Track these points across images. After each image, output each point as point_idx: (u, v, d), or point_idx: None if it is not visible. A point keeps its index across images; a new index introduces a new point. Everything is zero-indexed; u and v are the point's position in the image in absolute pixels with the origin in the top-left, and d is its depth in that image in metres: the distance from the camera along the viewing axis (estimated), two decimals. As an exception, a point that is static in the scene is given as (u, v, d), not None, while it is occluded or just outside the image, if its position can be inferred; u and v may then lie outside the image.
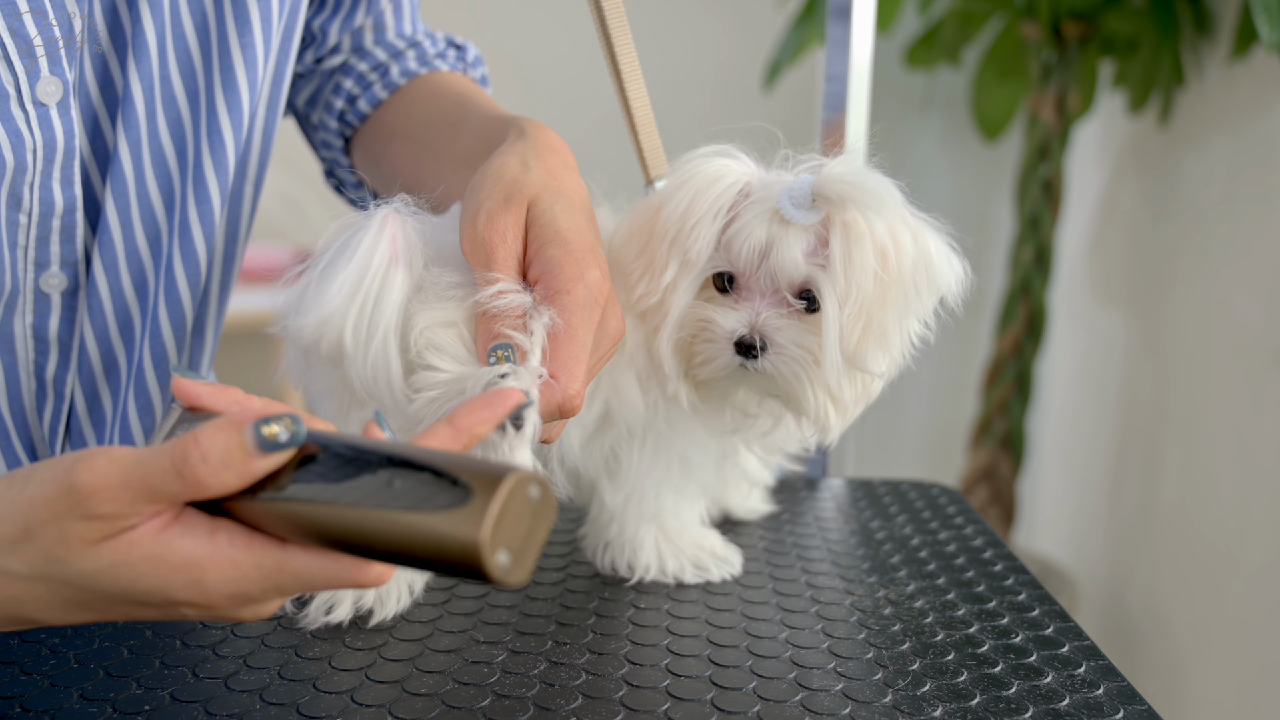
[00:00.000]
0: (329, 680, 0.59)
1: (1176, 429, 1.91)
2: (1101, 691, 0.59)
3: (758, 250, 0.66)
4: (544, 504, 0.40)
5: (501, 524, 0.38)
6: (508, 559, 0.39)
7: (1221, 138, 1.81)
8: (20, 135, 0.64)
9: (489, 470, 0.39)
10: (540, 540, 0.41)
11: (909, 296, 0.66)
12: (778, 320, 0.66)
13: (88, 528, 0.42)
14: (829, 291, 0.64)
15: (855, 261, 0.63)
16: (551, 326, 0.57)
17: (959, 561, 0.78)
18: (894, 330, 0.66)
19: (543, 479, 0.40)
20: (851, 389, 0.67)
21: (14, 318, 0.69)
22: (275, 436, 0.42)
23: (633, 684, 0.60)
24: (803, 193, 0.65)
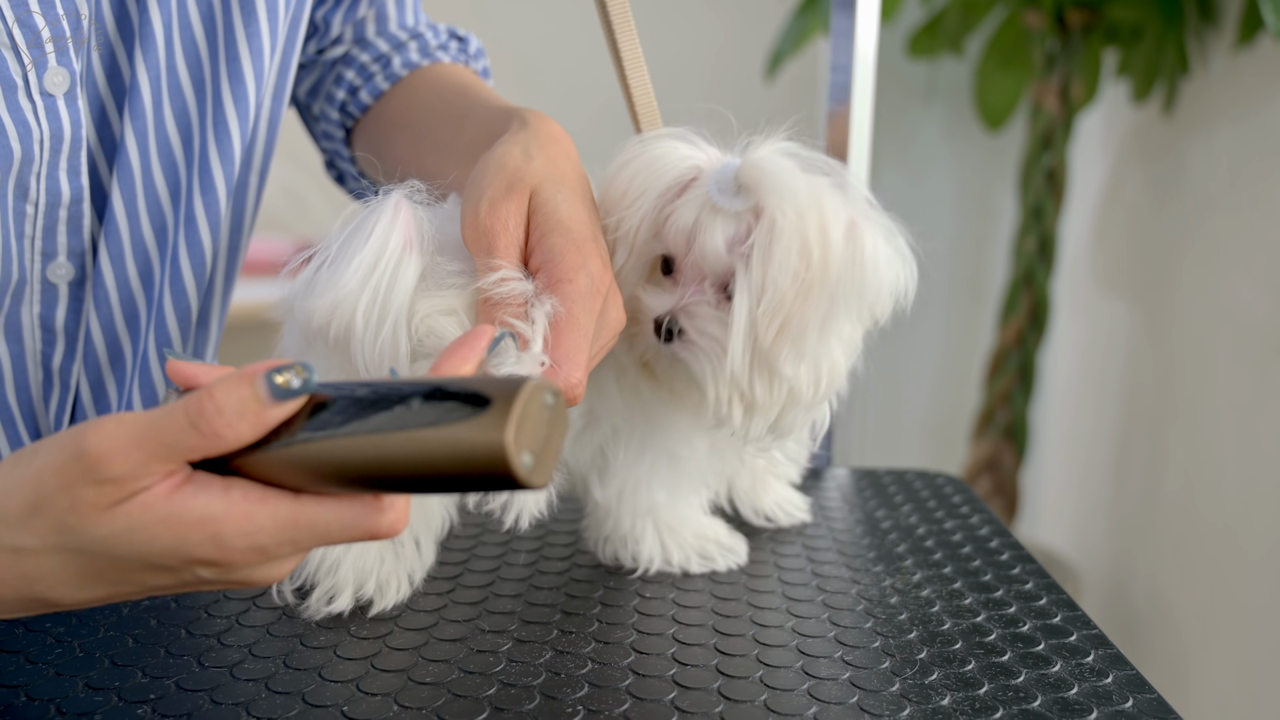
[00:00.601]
0: (334, 669, 0.59)
1: (1180, 419, 1.91)
2: (1110, 680, 0.59)
3: (684, 235, 0.64)
4: (558, 411, 0.42)
5: (523, 426, 0.39)
6: (531, 460, 0.40)
7: (1226, 127, 1.81)
8: (28, 126, 0.64)
9: (505, 381, 0.41)
10: (556, 448, 0.42)
11: (835, 300, 0.61)
12: (697, 308, 0.64)
13: (99, 492, 0.42)
14: (742, 284, 0.62)
15: (773, 257, 0.60)
16: (553, 315, 0.57)
17: (965, 550, 0.78)
18: (813, 334, 0.62)
19: (555, 387, 0.42)
20: (765, 390, 0.64)
21: (21, 308, 0.69)
22: (288, 384, 0.42)
23: (639, 672, 0.59)
24: (729, 177, 0.62)
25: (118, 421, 0.42)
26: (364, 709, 0.55)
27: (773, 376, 0.63)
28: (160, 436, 0.42)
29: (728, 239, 0.62)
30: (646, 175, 0.64)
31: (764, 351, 0.62)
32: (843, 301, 0.62)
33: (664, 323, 0.65)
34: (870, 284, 0.62)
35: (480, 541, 0.78)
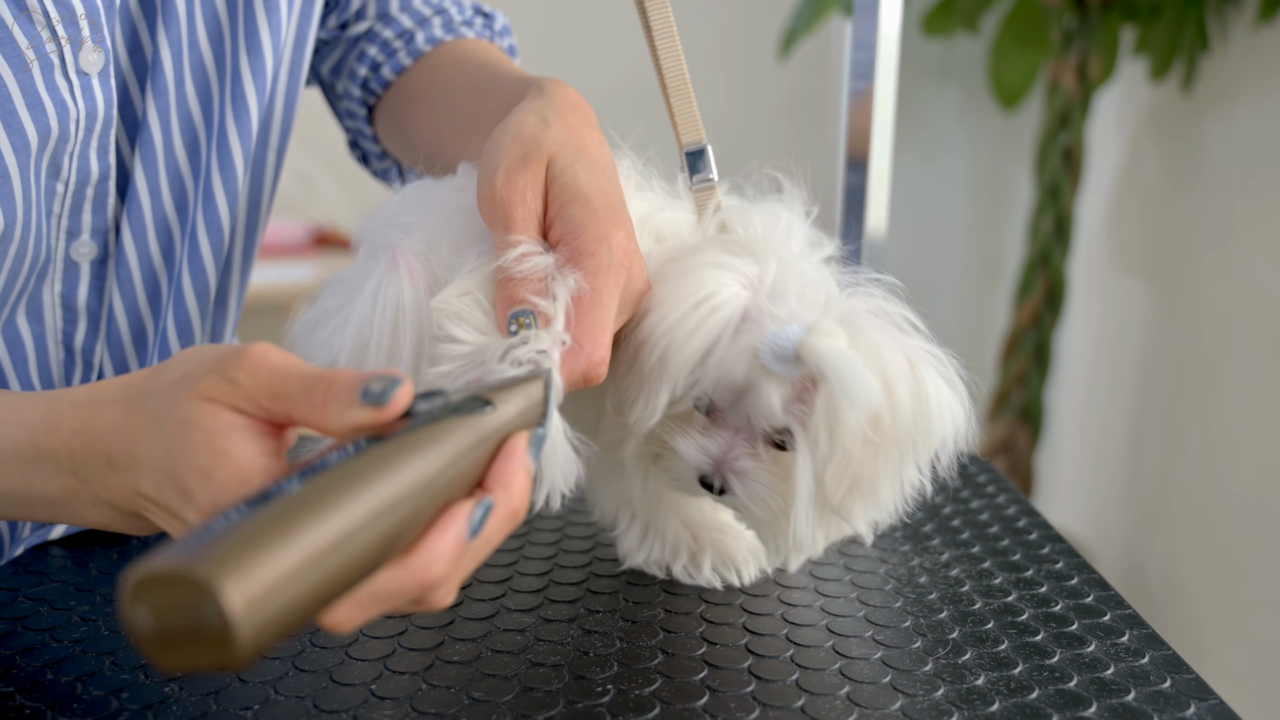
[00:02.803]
0: (361, 647, 0.59)
1: (1197, 400, 1.90)
2: (1147, 660, 0.58)
3: (733, 389, 0.60)
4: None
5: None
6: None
7: (1246, 105, 1.79)
8: (65, 105, 0.63)
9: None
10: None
11: (904, 452, 0.60)
12: (747, 461, 0.61)
13: (215, 383, 0.44)
14: (805, 450, 0.58)
15: (842, 427, 0.57)
16: (576, 291, 0.55)
17: (993, 530, 0.77)
18: (885, 486, 0.60)
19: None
20: (826, 530, 0.63)
21: (43, 286, 0.69)
22: (371, 389, 0.42)
23: (668, 652, 0.59)
24: (787, 348, 0.58)
25: (279, 351, 0.45)
26: (391, 687, 0.54)
27: (837, 524, 0.63)
28: (286, 380, 0.43)
29: (783, 400, 0.59)
30: (686, 334, 0.59)
31: (836, 506, 0.59)
32: (911, 452, 0.60)
33: (713, 482, 0.62)
34: (936, 431, 0.60)
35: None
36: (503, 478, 0.45)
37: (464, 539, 0.42)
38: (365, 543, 0.37)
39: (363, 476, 0.37)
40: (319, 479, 0.37)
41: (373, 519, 0.37)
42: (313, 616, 0.35)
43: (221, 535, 0.33)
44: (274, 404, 0.44)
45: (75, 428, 0.47)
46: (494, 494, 0.44)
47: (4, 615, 0.62)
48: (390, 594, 0.41)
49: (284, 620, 0.33)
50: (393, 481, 0.38)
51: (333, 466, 0.38)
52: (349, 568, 0.36)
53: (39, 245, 0.66)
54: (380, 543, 0.38)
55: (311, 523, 0.34)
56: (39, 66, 0.61)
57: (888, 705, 0.53)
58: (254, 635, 0.32)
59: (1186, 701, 0.54)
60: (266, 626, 0.32)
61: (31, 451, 0.48)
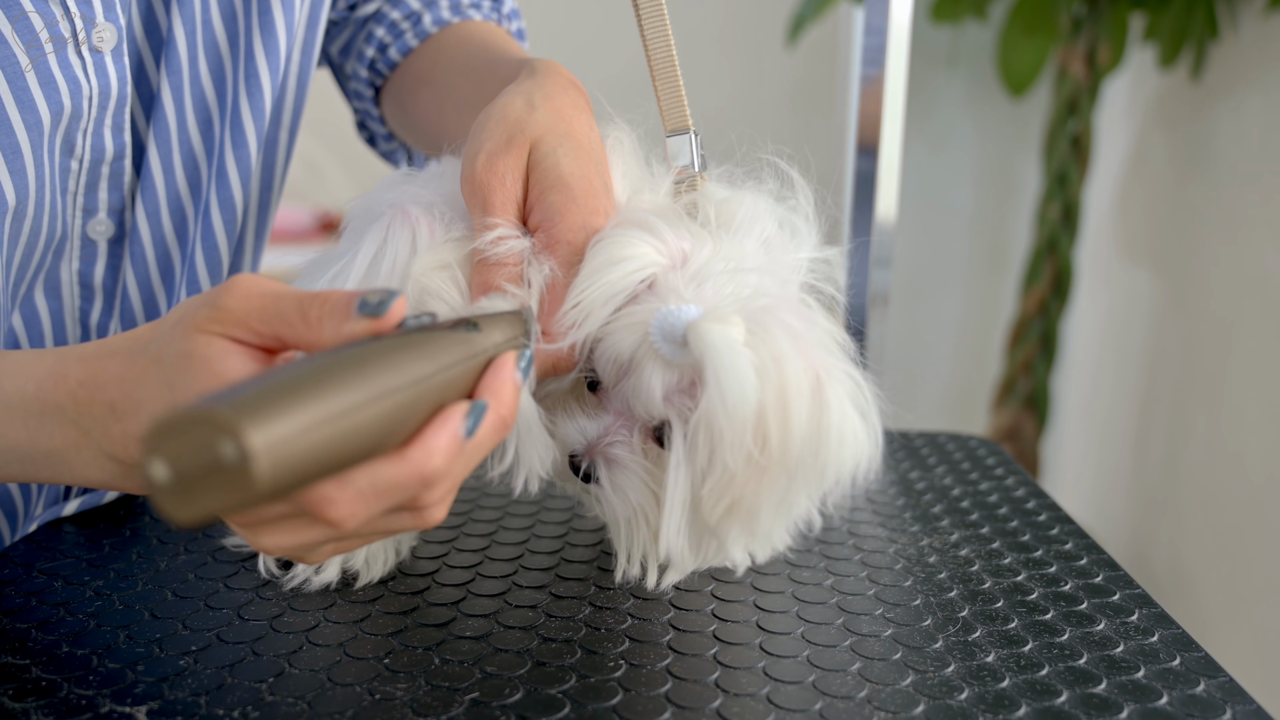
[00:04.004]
0: (374, 623, 0.59)
1: (1203, 389, 1.90)
2: (1156, 639, 0.59)
3: (616, 366, 0.56)
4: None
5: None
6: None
7: (1256, 93, 1.78)
8: (78, 82, 0.63)
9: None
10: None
11: (793, 480, 0.54)
12: (617, 450, 0.58)
13: (208, 314, 0.44)
14: (680, 450, 0.54)
15: (724, 437, 0.52)
16: (551, 279, 0.55)
17: (1002, 511, 0.77)
18: (768, 515, 0.56)
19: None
20: (696, 553, 0.59)
21: (61, 264, 0.69)
22: (368, 301, 0.43)
23: (679, 628, 0.59)
24: (676, 328, 0.54)
25: (269, 280, 0.46)
26: (405, 661, 0.55)
27: (712, 544, 0.59)
28: (279, 302, 0.44)
29: (666, 387, 0.55)
30: (593, 289, 0.56)
31: (712, 525, 0.56)
32: (801, 481, 0.55)
33: (581, 464, 0.59)
34: (833, 461, 0.55)
35: (513, 500, 0.78)
36: (493, 386, 0.47)
37: (460, 436, 0.44)
38: (367, 417, 0.39)
39: (363, 360, 0.40)
40: (326, 356, 0.39)
41: (374, 398, 0.39)
42: (320, 474, 0.38)
43: (238, 391, 0.35)
44: (265, 326, 0.44)
45: (81, 379, 0.48)
46: (485, 401, 0.46)
47: (19, 589, 0.62)
48: (390, 486, 0.42)
49: (297, 465, 0.35)
50: (391, 370, 0.40)
51: (336, 351, 0.40)
52: (355, 435, 0.38)
53: (54, 222, 0.66)
54: (380, 422, 0.40)
55: (321, 386, 0.37)
56: (52, 44, 0.62)
57: (899, 681, 0.54)
58: (271, 471, 0.34)
59: (1196, 679, 0.54)
60: (281, 465, 0.34)
61: (38, 404, 0.49)
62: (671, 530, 0.56)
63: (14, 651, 0.55)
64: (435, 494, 0.45)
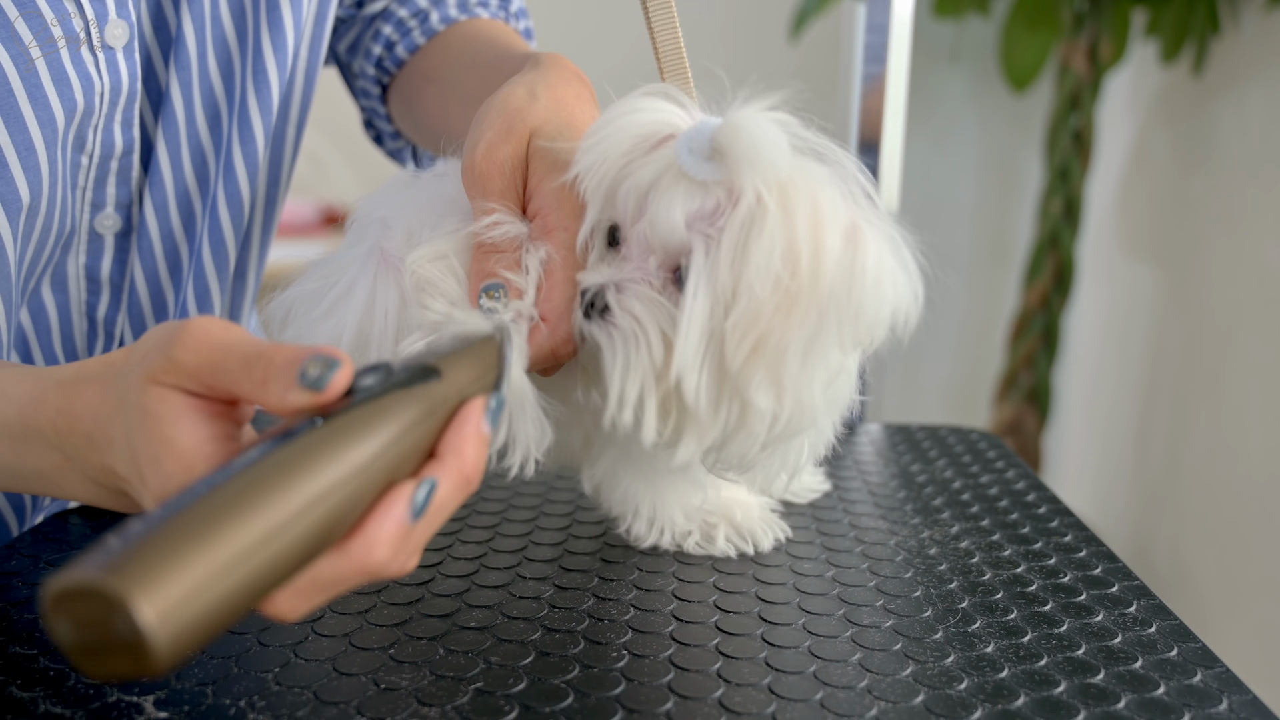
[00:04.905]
0: (378, 613, 0.59)
1: (1205, 384, 1.90)
2: (1154, 629, 0.59)
3: (637, 197, 0.53)
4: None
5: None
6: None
7: (1257, 88, 1.79)
8: (90, 78, 0.64)
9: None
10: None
11: (825, 318, 0.50)
12: (639, 287, 0.54)
13: (163, 364, 0.43)
14: (700, 276, 0.51)
15: (751, 256, 0.49)
16: (548, 265, 0.55)
17: (1002, 504, 0.78)
18: (795, 358, 0.50)
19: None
20: (718, 408, 0.52)
21: (68, 258, 0.70)
22: (308, 373, 0.41)
23: (681, 619, 0.59)
24: (703, 137, 0.51)
25: (222, 324, 0.44)
26: (410, 651, 0.55)
27: (734, 401, 0.52)
28: (225, 359, 0.42)
29: (688, 212, 0.51)
30: (611, 124, 0.54)
31: (730, 373, 0.51)
32: (834, 322, 0.50)
33: (588, 295, 0.55)
34: (869, 303, 0.51)
35: (517, 492, 0.79)
36: (455, 444, 0.44)
37: (405, 522, 0.41)
38: (295, 537, 0.36)
39: (291, 468, 0.37)
40: (245, 473, 0.36)
41: (301, 512, 0.36)
42: (243, 612, 0.35)
43: (135, 542, 0.32)
44: (215, 380, 0.42)
45: (59, 407, 0.47)
46: (445, 462, 0.43)
47: (25, 581, 0.63)
48: (332, 581, 0.40)
49: (205, 622, 0.33)
50: (325, 471, 0.37)
51: (257, 460, 0.37)
52: (278, 563, 0.36)
53: (64, 218, 0.67)
54: (313, 534, 0.37)
55: (230, 523, 0.34)
56: (65, 41, 0.62)
57: (899, 671, 0.54)
58: (170, 643, 0.32)
59: (1193, 669, 0.55)
60: (183, 633, 0.32)
61: (21, 429, 0.49)
62: (688, 355, 0.51)
63: (22, 642, 0.56)
64: (388, 570, 0.42)
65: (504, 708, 0.50)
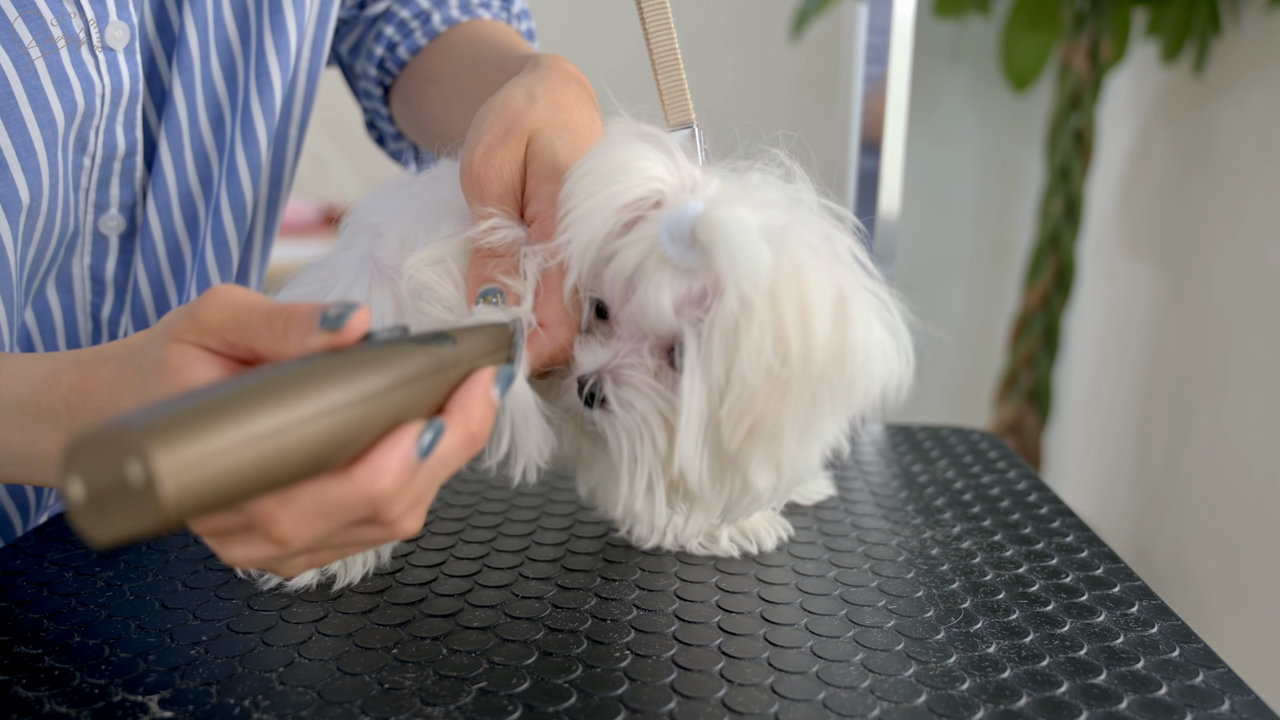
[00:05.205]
0: (381, 613, 0.59)
1: (1205, 383, 1.90)
2: (1156, 630, 0.59)
3: (623, 282, 0.53)
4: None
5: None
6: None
7: (1258, 88, 1.79)
8: (91, 80, 0.64)
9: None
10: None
11: (818, 399, 0.51)
12: (629, 372, 0.54)
13: (184, 324, 0.44)
14: (694, 366, 0.51)
15: (741, 347, 0.49)
16: (546, 270, 0.55)
17: (1004, 504, 0.78)
18: (791, 437, 0.52)
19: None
20: (720, 486, 0.54)
21: (73, 259, 0.70)
22: (328, 312, 0.42)
23: (684, 619, 0.60)
24: (684, 226, 0.50)
25: (244, 290, 0.45)
26: (414, 651, 0.55)
27: (736, 479, 0.54)
28: (249, 312, 0.44)
29: (676, 298, 0.52)
30: (594, 198, 0.53)
31: (733, 454, 0.52)
32: (827, 400, 0.51)
33: (587, 384, 0.55)
34: (860, 378, 0.51)
35: (519, 492, 0.79)
36: (464, 401, 0.45)
37: (412, 457, 0.42)
38: (302, 436, 0.37)
39: (305, 376, 0.38)
40: (265, 372, 0.38)
41: (310, 417, 0.37)
42: (246, 492, 0.36)
43: (154, 409, 0.34)
44: (237, 337, 0.44)
45: (74, 384, 0.48)
46: (452, 416, 0.44)
47: (30, 580, 0.63)
48: (336, 506, 0.41)
49: (211, 487, 0.34)
50: (336, 386, 0.39)
51: (272, 369, 0.39)
52: (285, 456, 0.36)
53: (67, 218, 0.67)
54: (319, 441, 0.38)
55: (246, 406, 0.35)
56: (65, 41, 0.62)
57: (901, 672, 0.54)
58: (177, 494, 0.33)
59: (1195, 670, 0.55)
60: (190, 488, 0.33)
61: (34, 408, 0.49)
62: (688, 448, 0.52)
63: (27, 641, 0.56)
64: (393, 511, 0.43)
65: (507, 707, 0.50)
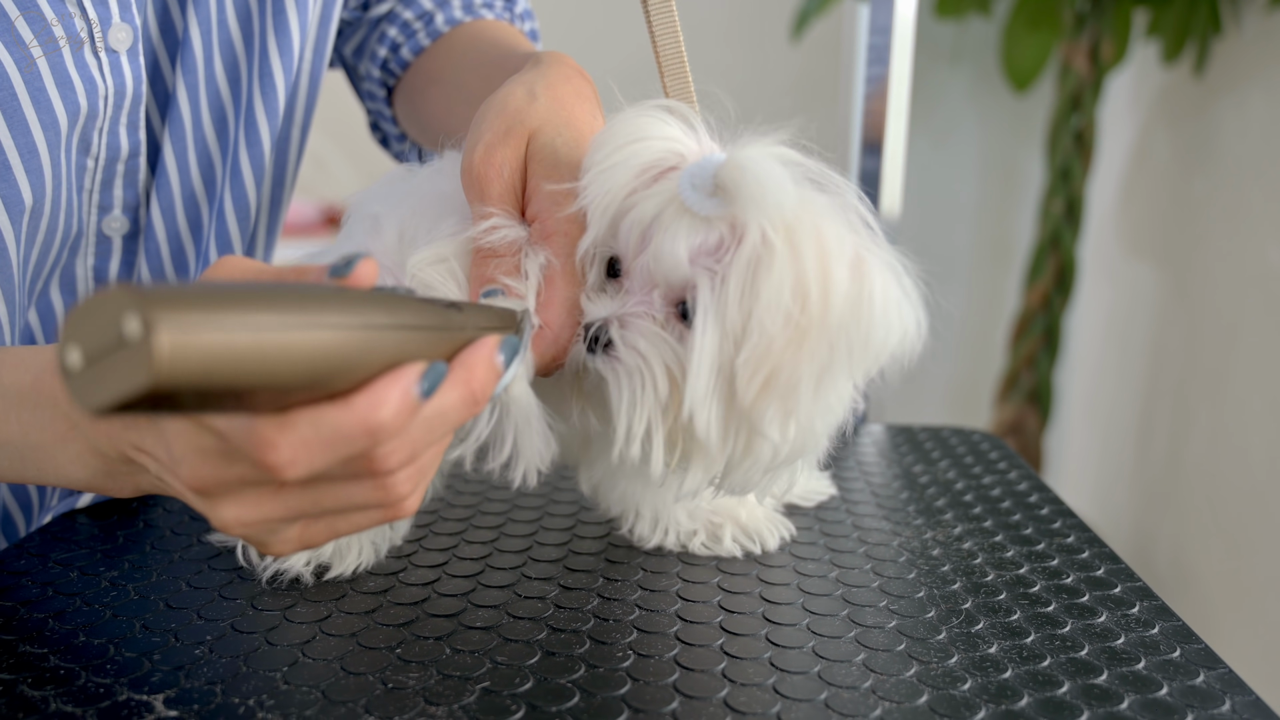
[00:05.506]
0: (385, 613, 0.60)
1: (1206, 383, 1.90)
2: (1157, 630, 0.59)
3: (639, 231, 0.54)
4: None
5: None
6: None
7: (1258, 88, 1.79)
8: (94, 82, 0.64)
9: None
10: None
11: (835, 350, 0.50)
12: (643, 322, 0.54)
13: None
14: (708, 312, 0.51)
15: (760, 293, 0.49)
16: (547, 270, 0.55)
17: (1005, 505, 0.78)
18: (808, 390, 0.51)
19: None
20: (726, 440, 0.53)
21: (76, 260, 0.70)
22: (336, 265, 0.43)
23: (686, 619, 0.60)
24: (706, 174, 0.51)
25: (251, 260, 0.46)
26: (417, 651, 0.55)
27: (743, 432, 0.53)
28: (258, 278, 0.44)
29: (691, 247, 0.52)
30: (617, 154, 0.54)
31: (742, 407, 0.51)
32: (844, 352, 0.51)
33: (592, 329, 0.55)
34: (877, 332, 0.51)
35: (521, 493, 0.79)
36: (467, 360, 0.45)
37: (413, 394, 0.41)
38: (300, 340, 0.36)
39: (312, 290, 0.38)
40: (274, 282, 0.38)
41: (313, 324, 0.37)
42: (237, 382, 0.35)
43: (155, 285, 0.34)
44: None
45: None
46: (454, 372, 0.44)
47: (34, 580, 0.63)
48: (335, 434, 0.40)
49: (206, 360, 0.33)
50: (340, 308, 0.38)
51: (290, 282, 0.39)
52: (284, 356, 0.36)
53: (70, 220, 0.67)
54: (316, 351, 0.37)
55: (251, 299, 0.35)
56: (68, 42, 0.62)
57: (902, 672, 0.54)
58: (171, 353, 0.32)
59: (1196, 670, 0.55)
60: (185, 352, 0.32)
61: (34, 396, 0.50)
62: (698, 395, 0.51)
63: (32, 641, 0.56)
64: (390, 456, 0.43)
65: (510, 707, 0.50)
